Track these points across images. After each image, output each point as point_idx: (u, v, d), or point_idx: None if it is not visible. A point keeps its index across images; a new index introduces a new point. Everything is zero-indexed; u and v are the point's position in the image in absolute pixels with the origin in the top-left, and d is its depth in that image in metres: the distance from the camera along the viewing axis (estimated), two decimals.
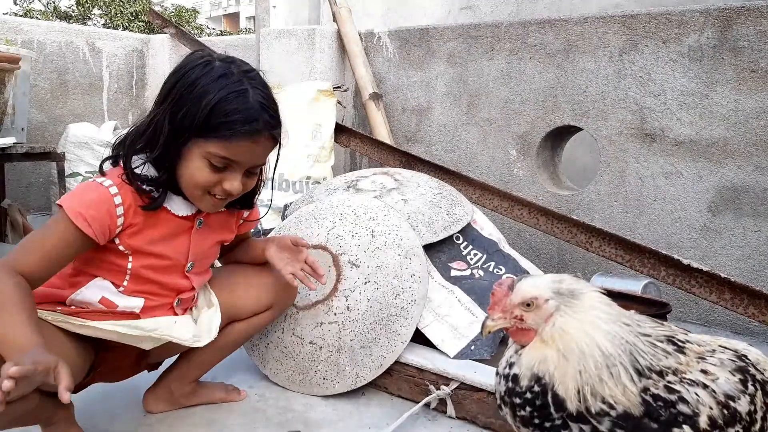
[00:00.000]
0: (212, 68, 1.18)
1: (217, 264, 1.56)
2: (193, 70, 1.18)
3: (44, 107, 3.70)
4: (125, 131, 1.26)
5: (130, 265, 1.23)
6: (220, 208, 1.30)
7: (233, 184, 1.21)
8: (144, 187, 1.19)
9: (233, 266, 1.54)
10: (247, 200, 1.38)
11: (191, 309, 1.39)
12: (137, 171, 1.20)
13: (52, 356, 0.93)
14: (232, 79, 1.17)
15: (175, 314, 1.33)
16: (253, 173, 1.27)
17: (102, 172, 1.22)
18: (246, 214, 1.45)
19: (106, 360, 1.31)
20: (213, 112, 1.14)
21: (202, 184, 1.20)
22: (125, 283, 1.24)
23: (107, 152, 1.27)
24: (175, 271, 1.30)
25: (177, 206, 1.26)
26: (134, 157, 1.21)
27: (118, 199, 1.17)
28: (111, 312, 1.24)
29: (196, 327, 1.35)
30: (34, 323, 1.03)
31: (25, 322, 1.00)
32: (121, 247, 1.21)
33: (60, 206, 1.14)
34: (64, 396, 0.89)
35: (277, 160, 1.33)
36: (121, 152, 1.22)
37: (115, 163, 1.24)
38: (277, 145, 1.27)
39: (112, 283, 1.24)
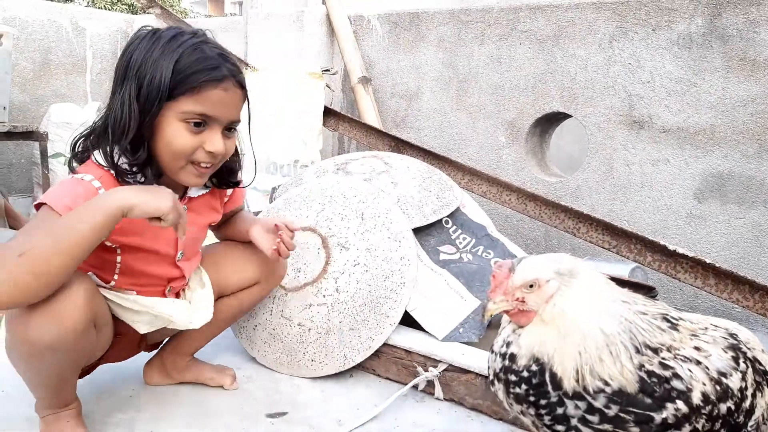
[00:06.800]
0: (160, 36, 1.16)
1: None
2: (141, 43, 1.16)
3: (27, 87, 3.62)
4: (81, 130, 1.21)
5: (119, 259, 1.21)
6: (205, 180, 1.25)
7: (215, 143, 1.17)
8: (127, 171, 1.14)
9: (219, 243, 1.55)
10: (230, 175, 1.36)
11: (183, 291, 1.39)
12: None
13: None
14: (183, 38, 1.16)
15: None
16: (231, 132, 1.23)
17: (73, 171, 1.17)
18: (230, 191, 1.43)
19: (114, 344, 1.31)
20: (175, 71, 1.12)
21: (183, 150, 1.15)
22: (115, 277, 1.23)
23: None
24: (166, 262, 1.30)
25: None
26: (106, 150, 1.15)
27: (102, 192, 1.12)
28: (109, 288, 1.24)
29: (191, 310, 1.34)
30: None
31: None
32: (108, 243, 1.17)
33: (40, 205, 1.07)
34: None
35: (249, 120, 1.30)
36: (90, 146, 1.18)
37: (81, 161, 1.18)
38: (246, 101, 1.25)
39: (103, 279, 1.22)
